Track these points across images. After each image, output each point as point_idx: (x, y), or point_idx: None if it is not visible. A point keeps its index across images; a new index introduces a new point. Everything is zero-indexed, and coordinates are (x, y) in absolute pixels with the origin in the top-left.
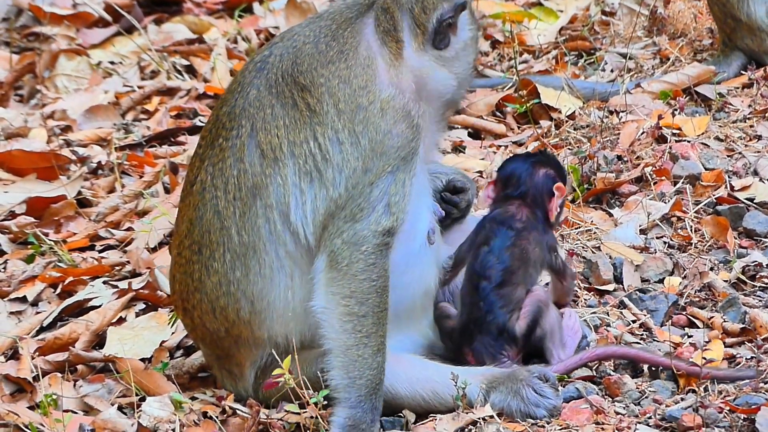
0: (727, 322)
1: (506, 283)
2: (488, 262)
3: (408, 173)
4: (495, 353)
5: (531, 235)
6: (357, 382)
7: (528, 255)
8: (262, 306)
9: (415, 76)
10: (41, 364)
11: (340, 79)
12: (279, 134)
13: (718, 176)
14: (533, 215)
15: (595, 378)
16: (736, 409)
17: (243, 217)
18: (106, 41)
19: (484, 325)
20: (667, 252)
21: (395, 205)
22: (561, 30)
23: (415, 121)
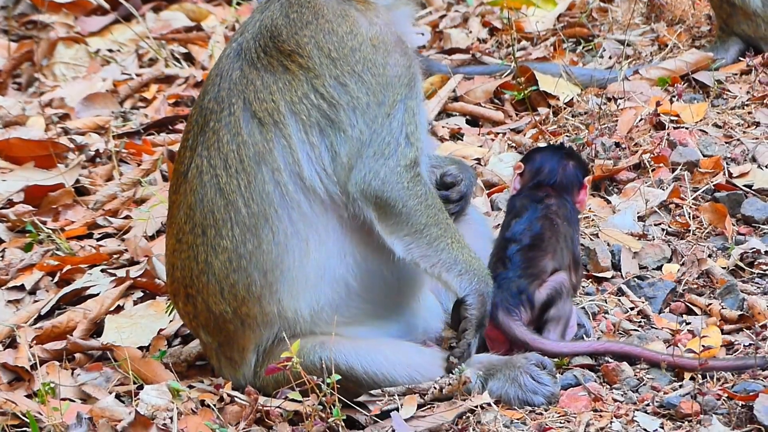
0: (725, 309)
1: (535, 248)
2: (519, 229)
3: (415, 100)
4: (510, 309)
5: (561, 212)
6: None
7: (558, 228)
8: (275, 276)
9: (390, 9)
10: (39, 352)
11: (324, 32)
12: (274, 98)
13: (716, 163)
14: (562, 199)
15: (593, 366)
16: (734, 396)
17: (249, 187)
18: (105, 29)
19: (504, 281)
20: (665, 239)
21: (412, 135)
22: (559, 17)
23: (407, 47)
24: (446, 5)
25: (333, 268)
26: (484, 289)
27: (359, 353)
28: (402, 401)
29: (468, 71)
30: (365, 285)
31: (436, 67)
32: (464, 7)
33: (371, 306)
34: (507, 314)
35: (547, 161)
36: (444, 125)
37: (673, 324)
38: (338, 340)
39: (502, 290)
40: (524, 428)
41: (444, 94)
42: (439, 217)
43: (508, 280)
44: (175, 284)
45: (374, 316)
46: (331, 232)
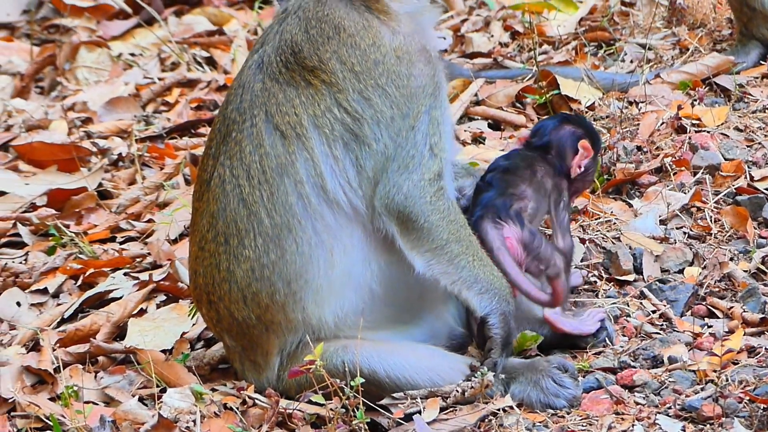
0: (747, 312)
1: (510, 172)
2: (496, 160)
3: (439, 109)
4: (501, 216)
5: (544, 164)
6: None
7: (535, 167)
8: (299, 285)
9: (412, 17)
10: (62, 355)
11: (346, 46)
12: (297, 112)
13: (737, 166)
14: (553, 164)
15: (615, 369)
16: (756, 399)
17: (271, 198)
18: (127, 33)
19: (487, 200)
20: (686, 242)
21: (436, 146)
22: (580, 21)
23: (430, 55)
24: (468, 9)
25: (357, 276)
26: (505, 308)
27: (382, 356)
28: (424, 404)
29: (490, 75)
30: (389, 290)
31: (458, 71)
32: (486, 11)
33: (395, 310)
34: (494, 224)
35: (543, 123)
36: (466, 129)
37: (695, 327)
38: (361, 344)
39: (486, 207)
40: (546, 431)
41: (466, 98)
42: (462, 233)
43: (491, 199)
44: (197, 290)
45: (398, 320)
46: (356, 241)
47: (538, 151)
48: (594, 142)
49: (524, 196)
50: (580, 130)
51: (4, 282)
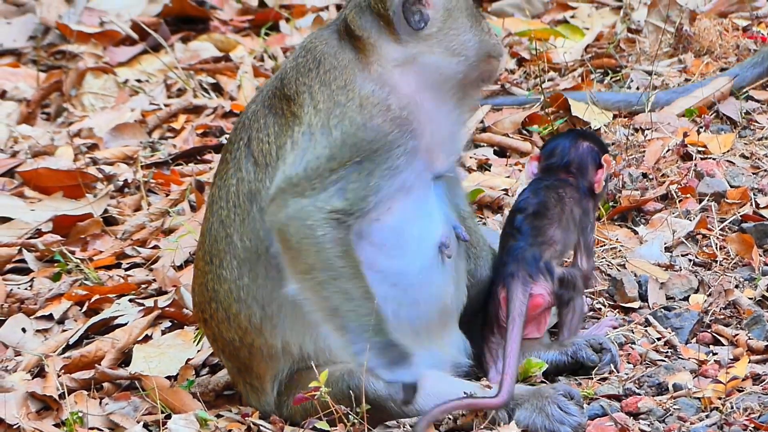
0: (752, 340)
1: (540, 216)
2: (523, 197)
3: (378, 165)
4: (533, 276)
5: (570, 190)
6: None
7: (564, 199)
8: (273, 310)
9: (406, 68)
10: (67, 381)
11: (320, 83)
12: (270, 140)
13: (743, 194)
14: (577, 185)
15: (620, 396)
16: (761, 426)
17: (243, 223)
18: (133, 59)
19: (518, 251)
20: (692, 269)
21: (352, 191)
22: (587, 47)
23: (395, 114)
24: None
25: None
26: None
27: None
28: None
29: (497, 102)
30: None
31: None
32: None
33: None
34: (524, 285)
35: (559, 142)
36: (472, 156)
37: (700, 354)
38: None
39: (518, 261)
40: None
41: (472, 125)
42: (334, 262)
43: (521, 250)
44: (195, 308)
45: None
46: None
47: (560, 172)
48: (606, 153)
49: (554, 241)
50: (596, 145)
51: (9, 308)
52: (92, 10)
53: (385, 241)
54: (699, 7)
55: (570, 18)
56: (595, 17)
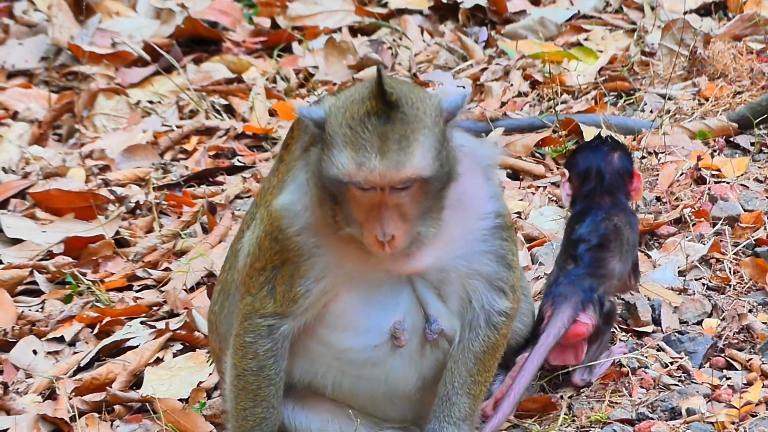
0: (766, 364)
1: (603, 248)
2: (585, 230)
3: (296, 271)
4: (584, 303)
5: (620, 214)
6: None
7: (621, 229)
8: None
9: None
10: (78, 404)
11: (278, 163)
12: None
13: (757, 218)
14: (617, 200)
15: (633, 420)
16: None
17: (231, 256)
18: (145, 80)
19: (577, 278)
20: (705, 294)
21: (281, 294)
22: (600, 70)
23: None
24: (487, 58)
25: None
26: None
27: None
28: None
29: (508, 124)
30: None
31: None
32: (505, 59)
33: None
34: (574, 311)
35: (591, 162)
36: None
37: (714, 379)
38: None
39: (574, 286)
40: None
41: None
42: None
43: (580, 277)
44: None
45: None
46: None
47: (603, 195)
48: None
49: (612, 275)
50: (624, 153)
51: (20, 330)
52: (104, 31)
53: (333, 322)
54: (713, 31)
55: (584, 40)
56: (608, 40)
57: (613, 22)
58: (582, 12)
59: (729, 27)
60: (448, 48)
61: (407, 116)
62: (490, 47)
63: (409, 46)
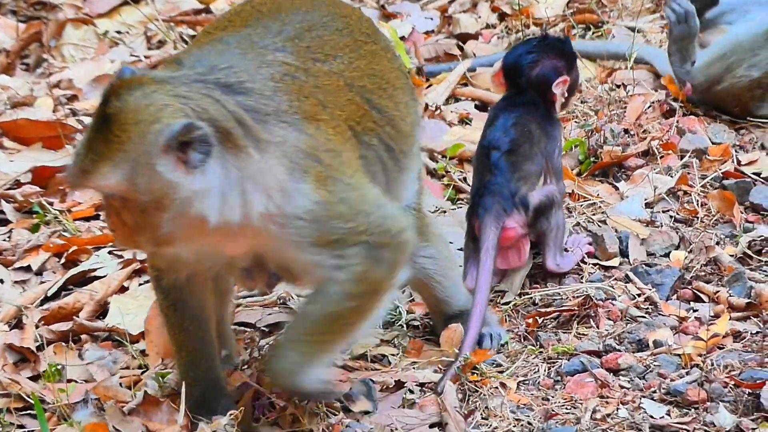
0: (733, 297)
1: (515, 153)
2: (495, 136)
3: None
4: (507, 209)
5: (533, 119)
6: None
7: (532, 133)
8: None
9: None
10: (45, 333)
11: None
12: None
13: (724, 151)
14: (535, 105)
15: (600, 352)
16: (741, 383)
17: None
18: (113, 11)
19: (495, 186)
20: (673, 226)
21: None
22: (569, 3)
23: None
24: None
25: None
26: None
27: None
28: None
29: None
30: None
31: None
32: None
33: None
34: (498, 220)
35: (511, 60)
36: (453, 110)
37: (681, 311)
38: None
39: (494, 195)
40: (530, 414)
41: (453, 80)
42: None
43: (499, 185)
44: None
45: None
46: None
47: (524, 92)
48: (567, 60)
49: (529, 175)
50: (553, 62)
51: None
52: None
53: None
54: None
55: None
56: None
57: None
58: None
59: None
60: None
61: (112, 134)
62: None
63: None
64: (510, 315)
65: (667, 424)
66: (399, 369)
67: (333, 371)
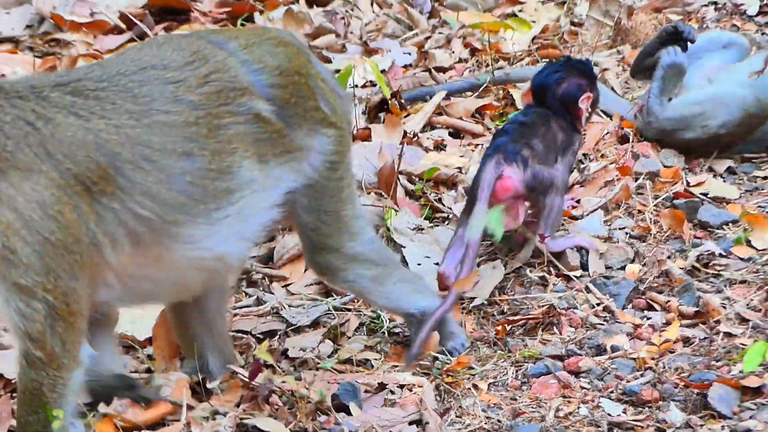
0: (683, 306)
1: (527, 126)
2: (514, 118)
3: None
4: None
5: (558, 119)
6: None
7: (550, 122)
8: None
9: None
10: None
11: None
12: None
13: (675, 173)
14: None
15: (563, 356)
16: (690, 384)
17: None
18: (121, 47)
19: (500, 144)
20: (628, 242)
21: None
22: (534, 39)
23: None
24: (431, 27)
25: None
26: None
27: None
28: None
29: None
30: None
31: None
32: (447, 29)
33: None
34: (497, 166)
35: (544, 82)
36: (429, 137)
37: (636, 319)
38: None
39: (498, 148)
40: (500, 412)
41: (429, 109)
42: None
43: (504, 143)
44: None
45: None
46: None
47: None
48: (590, 79)
49: (535, 148)
50: (577, 81)
51: None
52: (84, 1)
53: None
54: (636, 3)
55: (518, 12)
56: (541, 11)
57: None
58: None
59: (650, 0)
60: (395, 18)
61: None
62: (433, 18)
63: (360, 17)
64: (481, 322)
65: (623, 421)
66: (381, 372)
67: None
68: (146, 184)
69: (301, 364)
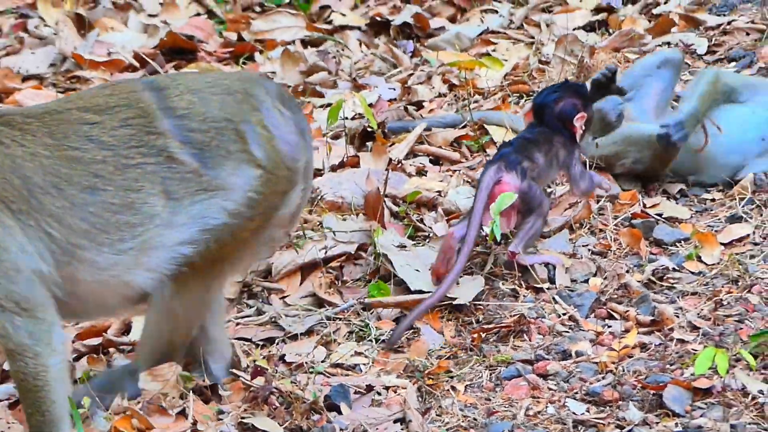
0: (640, 315)
1: (530, 141)
2: (519, 135)
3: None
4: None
5: (561, 139)
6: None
7: (553, 140)
8: None
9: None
10: (79, 347)
11: None
12: None
13: (633, 196)
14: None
15: (532, 361)
16: (647, 386)
17: None
18: None
19: (503, 153)
20: (591, 258)
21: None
22: (505, 76)
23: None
24: (413, 65)
25: None
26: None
27: None
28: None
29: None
30: None
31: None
32: (428, 67)
33: None
34: (497, 171)
35: (543, 103)
36: (411, 164)
37: (598, 327)
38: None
39: (501, 156)
40: (476, 411)
41: (412, 139)
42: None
43: (507, 153)
44: None
45: None
46: None
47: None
48: (584, 100)
49: (536, 161)
50: (573, 101)
51: None
52: (102, 42)
53: None
54: (597, 44)
55: (492, 51)
56: (512, 51)
57: (516, 37)
58: (490, 28)
59: (610, 41)
60: (381, 57)
61: None
62: (415, 57)
63: (350, 56)
64: (459, 329)
65: (587, 419)
66: (369, 375)
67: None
68: (53, 208)
69: (296, 368)
